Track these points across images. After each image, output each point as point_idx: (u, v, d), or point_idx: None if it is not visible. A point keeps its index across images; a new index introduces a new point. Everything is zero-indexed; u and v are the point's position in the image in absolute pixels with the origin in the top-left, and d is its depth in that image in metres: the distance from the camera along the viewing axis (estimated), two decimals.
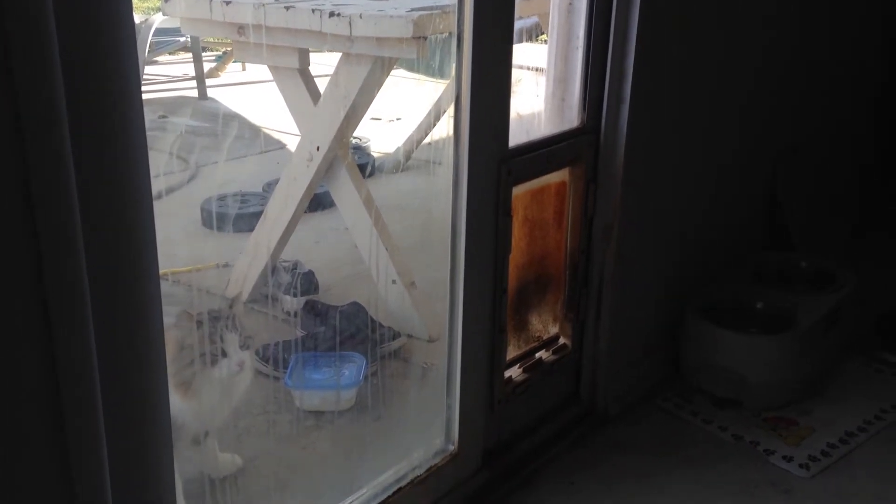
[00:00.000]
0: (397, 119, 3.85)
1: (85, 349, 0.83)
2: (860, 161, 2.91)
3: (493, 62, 1.39)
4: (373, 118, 3.78)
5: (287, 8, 2.04)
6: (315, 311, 2.14)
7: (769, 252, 2.29)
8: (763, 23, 2.05)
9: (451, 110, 1.42)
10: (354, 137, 3.44)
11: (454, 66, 1.39)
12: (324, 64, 2.45)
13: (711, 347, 1.85)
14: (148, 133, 0.86)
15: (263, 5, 2.06)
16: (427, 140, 3.32)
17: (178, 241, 2.64)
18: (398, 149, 3.40)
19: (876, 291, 2.27)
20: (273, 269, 2.33)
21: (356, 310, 2.09)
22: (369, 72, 2.08)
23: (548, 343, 1.76)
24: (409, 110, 3.75)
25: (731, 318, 1.90)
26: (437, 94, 3.44)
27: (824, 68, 2.45)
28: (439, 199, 1.48)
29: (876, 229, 2.76)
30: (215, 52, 4.57)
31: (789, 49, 2.22)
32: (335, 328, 2.04)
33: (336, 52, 2.10)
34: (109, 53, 0.81)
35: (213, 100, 4.01)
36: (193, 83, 4.03)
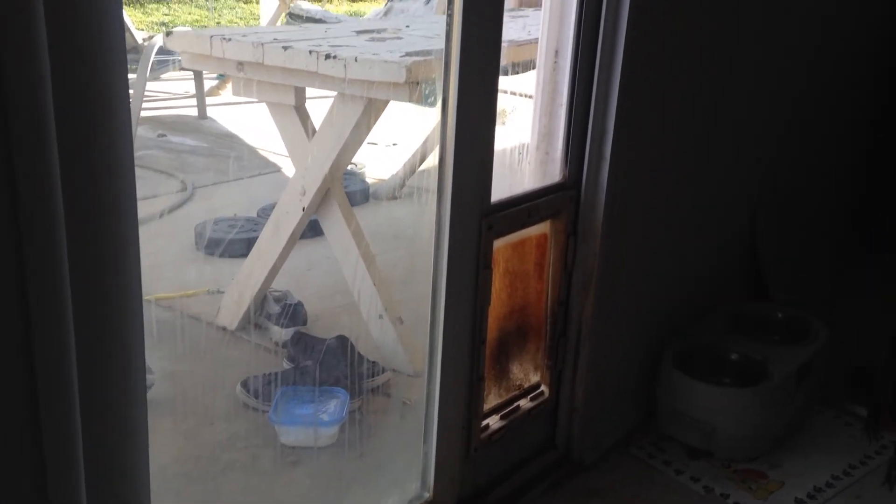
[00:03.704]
0: (394, 144, 3.89)
1: (64, 353, 0.88)
2: (848, 208, 2.96)
3: (478, 121, 1.44)
4: (369, 142, 3.82)
5: (285, 48, 2.09)
6: (302, 343, 2.18)
7: (747, 301, 2.33)
8: (746, 73, 2.09)
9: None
10: (350, 163, 3.48)
11: (440, 122, 1.44)
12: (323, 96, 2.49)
13: (684, 398, 1.89)
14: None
15: (262, 44, 2.11)
16: (423, 167, 3.35)
17: (170, 265, 2.67)
18: (394, 175, 3.43)
19: (850, 344, 2.31)
20: (263, 298, 2.37)
21: (342, 344, 2.12)
22: (363, 111, 2.13)
23: (529, 391, 1.80)
24: (407, 136, 3.79)
25: (706, 367, 1.94)
26: (434, 122, 3.48)
27: (813, 116, 2.50)
28: (425, 232, 1.51)
29: (857, 281, 2.80)
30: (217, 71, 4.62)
31: (773, 96, 2.27)
32: (321, 362, 2.08)
33: (331, 91, 2.15)
34: (101, 77, 0.86)
35: (212, 119, 4.05)
36: (194, 101, 4.08)
